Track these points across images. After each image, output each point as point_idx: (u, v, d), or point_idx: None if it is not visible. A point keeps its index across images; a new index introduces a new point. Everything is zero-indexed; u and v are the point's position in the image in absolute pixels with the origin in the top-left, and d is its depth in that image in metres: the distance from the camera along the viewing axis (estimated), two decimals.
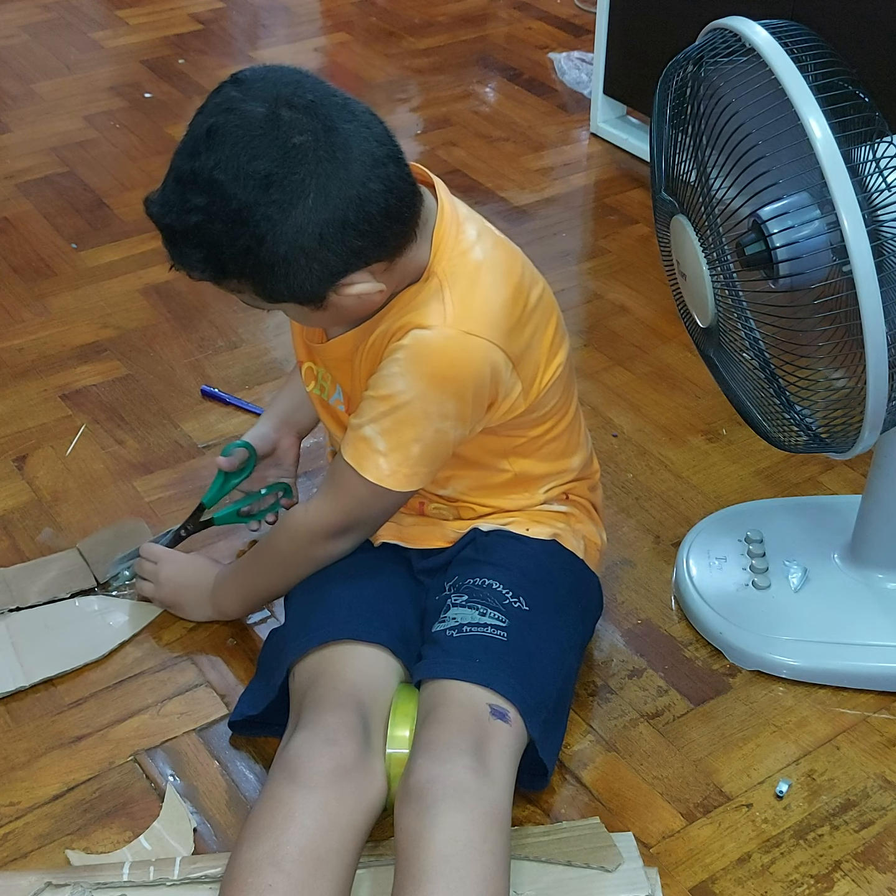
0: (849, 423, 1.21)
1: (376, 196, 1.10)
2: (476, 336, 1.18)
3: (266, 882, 1.04)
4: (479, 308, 1.19)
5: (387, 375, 1.19)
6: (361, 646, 1.23)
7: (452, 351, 1.18)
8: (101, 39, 2.97)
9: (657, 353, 1.94)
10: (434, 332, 1.17)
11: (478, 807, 1.09)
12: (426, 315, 1.18)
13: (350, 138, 1.09)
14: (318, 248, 1.09)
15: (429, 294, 1.18)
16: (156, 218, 1.15)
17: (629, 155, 2.49)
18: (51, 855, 1.24)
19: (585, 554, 1.36)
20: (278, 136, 1.06)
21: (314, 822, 1.08)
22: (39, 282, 2.11)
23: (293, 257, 1.09)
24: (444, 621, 1.25)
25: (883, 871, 1.23)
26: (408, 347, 1.17)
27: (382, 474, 1.21)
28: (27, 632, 1.44)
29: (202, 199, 1.09)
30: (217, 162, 1.07)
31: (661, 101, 1.27)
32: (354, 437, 1.23)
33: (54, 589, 1.50)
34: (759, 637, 1.43)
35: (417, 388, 1.18)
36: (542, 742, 1.21)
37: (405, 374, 1.18)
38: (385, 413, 1.19)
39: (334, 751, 1.12)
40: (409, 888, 1.05)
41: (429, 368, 1.18)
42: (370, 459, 1.21)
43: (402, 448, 1.20)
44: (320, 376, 1.34)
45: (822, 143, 1.07)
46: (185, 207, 1.10)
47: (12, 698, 1.39)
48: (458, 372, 1.18)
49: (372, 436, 1.21)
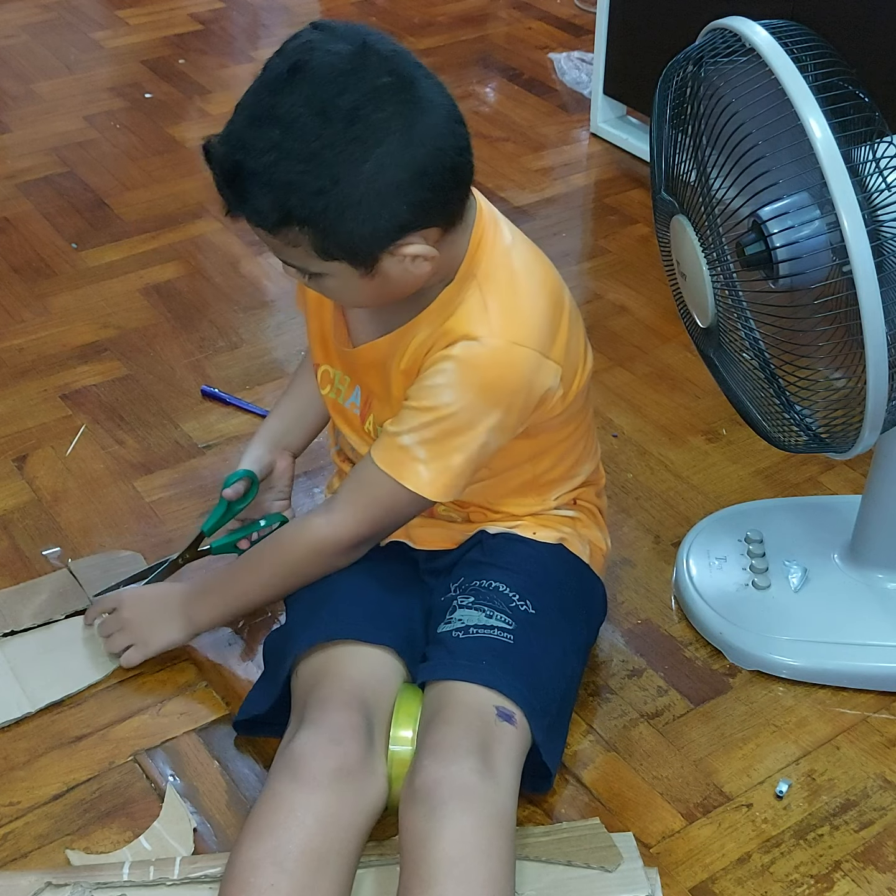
0: (849, 423, 1.21)
1: (451, 151, 1.10)
2: (524, 346, 1.16)
3: (268, 882, 1.04)
4: (523, 316, 1.17)
5: (431, 386, 1.17)
6: (366, 646, 1.23)
7: (502, 362, 1.16)
8: (101, 39, 2.97)
9: (657, 353, 1.94)
10: (483, 344, 1.15)
11: (484, 809, 1.09)
12: (470, 323, 1.16)
13: (429, 91, 1.08)
14: (392, 194, 1.06)
15: (469, 298, 1.17)
16: (222, 157, 1.08)
17: (629, 155, 2.49)
18: (51, 855, 1.24)
19: (590, 559, 1.36)
20: (365, 75, 1.05)
21: (316, 821, 1.08)
22: (40, 282, 2.11)
23: (366, 202, 1.06)
24: (450, 622, 1.24)
25: (883, 871, 1.23)
26: (455, 359, 1.16)
27: (422, 482, 1.19)
28: (26, 656, 1.42)
29: (280, 135, 1.04)
30: (301, 97, 1.04)
31: (661, 101, 1.27)
32: (390, 444, 1.20)
33: (49, 611, 1.47)
34: (759, 637, 1.43)
35: (465, 400, 1.16)
36: (545, 745, 1.21)
37: (452, 385, 1.16)
38: (428, 424, 1.18)
39: (338, 750, 1.12)
40: (417, 889, 1.05)
41: (478, 380, 1.16)
42: (409, 468, 1.19)
43: (444, 458, 1.18)
44: (337, 379, 1.33)
45: (822, 143, 1.07)
46: (259, 145, 1.05)
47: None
48: (507, 383, 1.17)
49: (411, 445, 1.18)
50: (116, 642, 1.39)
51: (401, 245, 1.10)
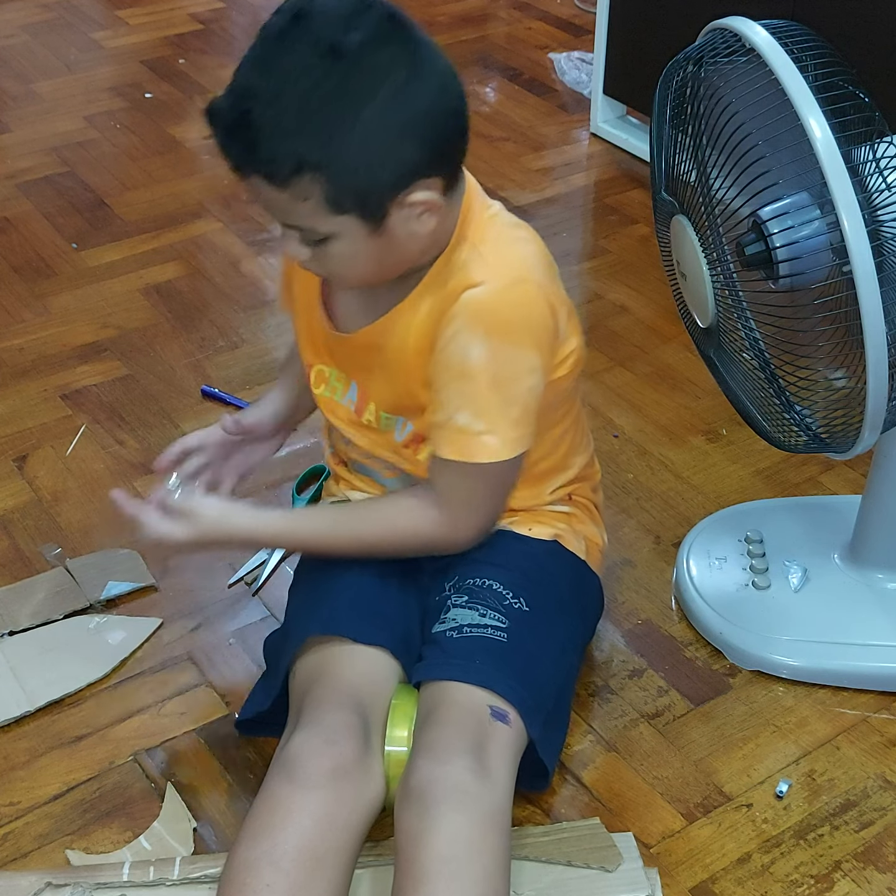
0: (849, 423, 1.21)
1: (455, 95, 1.10)
2: (528, 281, 1.17)
3: (264, 882, 1.04)
4: (520, 257, 1.19)
5: (454, 350, 1.16)
6: (362, 646, 1.23)
7: (513, 300, 1.16)
8: (101, 39, 2.97)
9: (657, 353, 1.94)
10: (486, 287, 1.15)
11: (478, 808, 1.09)
12: (469, 274, 1.16)
13: (427, 38, 1.09)
14: (402, 132, 1.06)
15: (463, 255, 1.17)
16: (228, 109, 1.06)
17: (629, 155, 2.49)
18: (51, 855, 1.24)
19: (587, 554, 1.36)
20: (369, 16, 1.05)
21: (312, 822, 1.08)
22: (40, 282, 2.11)
23: (379, 140, 1.05)
24: (444, 622, 1.24)
25: (883, 871, 1.23)
26: (465, 312, 1.15)
27: (495, 450, 1.18)
28: (25, 656, 1.42)
29: (290, 79, 1.03)
30: (307, 41, 1.04)
31: (661, 101, 1.27)
32: (447, 432, 1.19)
33: (47, 610, 1.47)
34: (759, 637, 1.43)
35: (493, 349, 1.15)
36: (542, 743, 1.21)
37: (473, 339, 1.15)
38: (471, 394, 1.16)
39: (334, 751, 1.12)
40: (409, 888, 1.05)
41: (495, 324, 1.15)
42: (476, 444, 1.18)
43: (502, 418, 1.17)
44: (333, 378, 1.32)
45: (822, 143, 1.07)
46: (268, 91, 1.04)
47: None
48: (525, 319, 1.17)
49: (467, 423, 1.17)
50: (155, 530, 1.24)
51: (409, 193, 1.09)
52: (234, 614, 1.50)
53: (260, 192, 1.09)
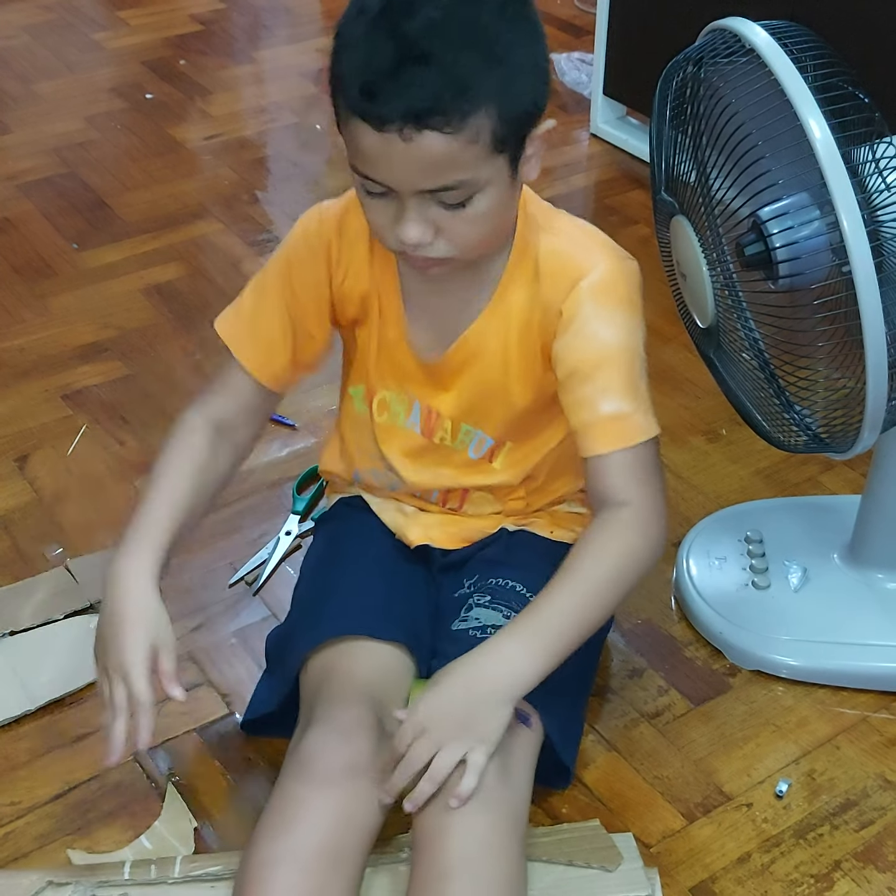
0: (849, 423, 1.21)
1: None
2: (622, 255, 1.21)
3: (289, 881, 1.04)
4: (604, 238, 1.21)
5: (586, 338, 1.16)
6: (375, 642, 1.22)
7: (623, 277, 1.19)
8: (101, 40, 2.97)
9: (657, 353, 1.93)
10: (601, 269, 1.17)
11: (501, 810, 1.09)
12: (576, 262, 1.17)
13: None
14: (542, 56, 1.07)
15: (554, 244, 1.18)
16: (395, 49, 0.98)
17: (629, 155, 2.49)
18: (52, 854, 1.24)
19: None
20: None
21: (330, 820, 1.08)
22: (40, 282, 2.11)
23: (531, 61, 1.05)
24: (466, 620, 1.24)
25: (883, 871, 1.23)
26: (588, 299, 1.16)
27: (648, 428, 1.17)
28: (26, 656, 1.42)
29: (452, 8, 0.99)
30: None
31: (661, 101, 1.28)
32: (601, 425, 1.17)
33: (47, 610, 1.47)
34: (759, 637, 1.43)
35: (620, 330, 1.17)
36: (561, 745, 1.21)
37: (602, 323, 1.16)
38: (611, 379, 1.16)
39: (350, 748, 1.12)
40: (433, 884, 1.05)
41: (617, 302, 1.17)
42: (630, 428, 1.16)
43: (643, 395, 1.18)
44: (394, 402, 1.28)
45: (821, 144, 1.07)
46: (439, 20, 0.99)
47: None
48: (635, 292, 1.20)
49: (616, 409, 1.16)
50: (444, 763, 1.08)
51: (539, 124, 1.08)
52: (235, 614, 1.50)
53: (424, 148, 1.00)
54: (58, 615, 1.47)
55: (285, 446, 1.76)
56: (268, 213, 2.31)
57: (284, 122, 2.61)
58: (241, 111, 2.68)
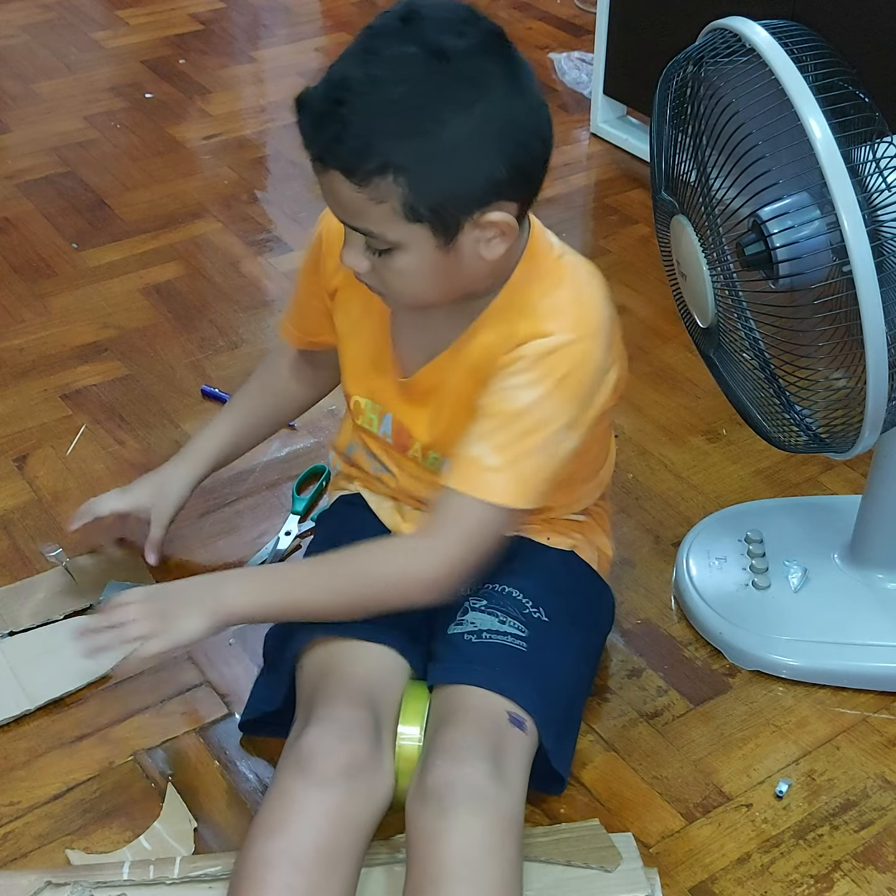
0: (849, 423, 1.21)
1: (545, 118, 1.09)
2: (595, 339, 1.15)
3: (284, 881, 1.04)
4: (590, 311, 1.17)
5: (503, 389, 1.14)
6: (370, 643, 1.22)
7: (577, 356, 1.14)
8: (101, 39, 2.97)
9: (657, 353, 1.94)
10: (556, 339, 1.14)
11: (496, 812, 1.09)
12: (540, 321, 1.14)
13: (529, 66, 1.09)
14: (494, 146, 1.04)
15: (532, 298, 1.16)
16: (322, 96, 1.04)
17: (629, 155, 2.49)
18: (51, 854, 1.24)
19: (598, 566, 1.36)
20: (477, 26, 1.05)
21: (328, 819, 1.08)
22: (40, 282, 2.11)
23: (469, 150, 1.03)
24: (462, 624, 1.24)
25: (883, 871, 1.23)
26: (528, 358, 1.13)
27: (498, 491, 1.13)
28: (26, 656, 1.42)
29: (389, 74, 1.01)
30: (415, 40, 1.02)
31: (661, 101, 1.27)
32: (460, 460, 1.15)
33: (47, 610, 1.47)
34: (759, 637, 1.43)
35: (542, 399, 1.13)
36: (554, 752, 1.21)
37: (528, 385, 1.13)
38: (499, 427, 1.14)
39: (348, 748, 1.12)
40: (428, 887, 1.05)
41: (554, 377, 1.13)
42: (481, 479, 1.14)
43: (519, 461, 1.14)
44: (368, 409, 1.30)
45: (822, 144, 1.07)
46: (365, 83, 1.02)
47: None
48: (584, 378, 1.15)
49: (482, 454, 1.14)
50: (130, 630, 1.18)
51: (487, 211, 1.07)
52: None
53: (335, 188, 1.06)
54: (57, 615, 1.47)
55: (285, 446, 1.76)
56: (267, 213, 2.31)
57: (284, 122, 2.61)
58: (240, 111, 2.68)
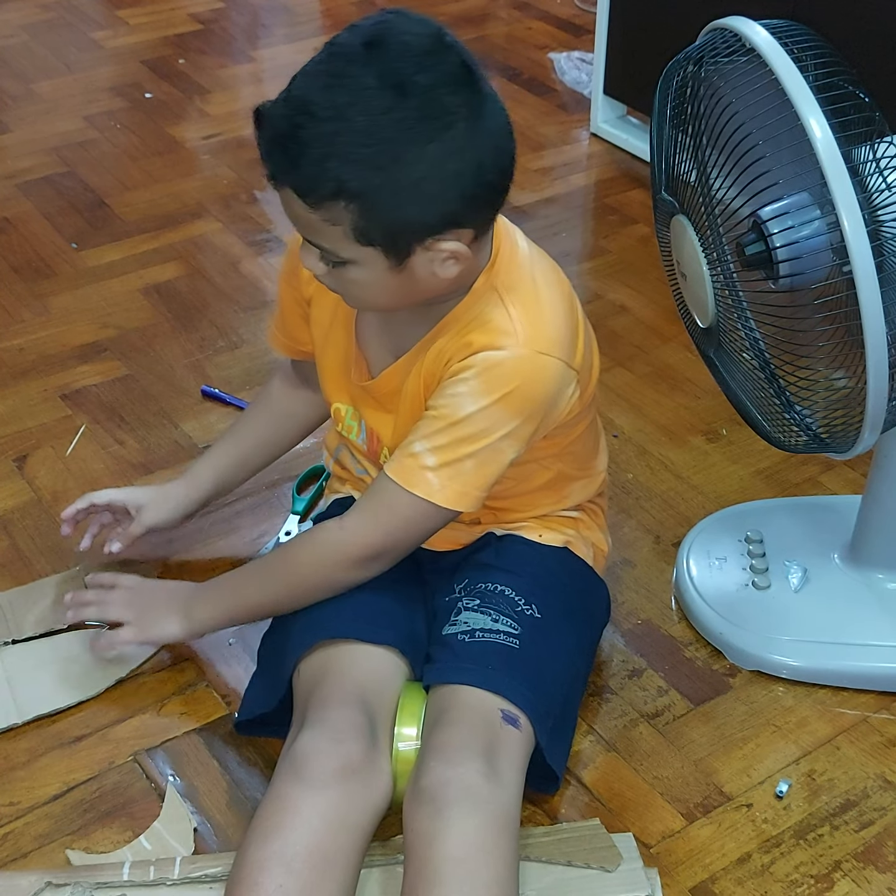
0: (849, 423, 1.21)
1: (507, 154, 1.09)
2: (551, 356, 1.15)
3: (276, 883, 1.04)
4: (548, 326, 1.16)
5: (452, 395, 1.15)
6: (368, 645, 1.23)
7: (527, 372, 1.15)
8: (101, 39, 2.97)
9: (657, 353, 1.94)
10: (508, 353, 1.14)
11: (490, 811, 1.09)
12: (495, 333, 1.15)
13: (492, 91, 1.08)
14: (450, 182, 1.04)
15: (491, 309, 1.15)
16: (280, 117, 1.05)
17: (629, 155, 2.49)
18: (51, 855, 1.24)
19: (593, 561, 1.36)
20: (443, 59, 1.04)
21: (322, 822, 1.08)
22: (39, 282, 2.11)
23: (424, 185, 1.04)
24: (455, 624, 1.24)
25: (883, 871, 1.23)
26: (478, 368, 1.14)
27: (432, 490, 1.16)
28: (23, 667, 1.40)
29: (349, 103, 1.02)
30: (375, 70, 1.02)
31: (661, 101, 1.27)
32: (402, 453, 1.18)
33: (51, 619, 1.45)
34: (759, 637, 1.43)
35: (485, 409, 1.14)
36: (549, 749, 1.21)
37: (474, 394, 1.14)
38: (441, 430, 1.15)
39: (341, 750, 1.12)
40: (422, 888, 1.05)
41: (501, 390, 1.14)
42: (418, 475, 1.16)
43: (455, 465, 1.16)
44: (348, 416, 1.32)
45: (822, 143, 1.07)
46: (324, 110, 1.02)
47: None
48: (532, 394, 1.15)
49: (421, 452, 1.16)
50: (111, 611, 1.35)
51: (439, 240, 1.08)
52: None
53: (289, 203, 1.08)
54: (61, 625, 1.44)
55: None
56: (266, 213, 2.31)
57: None
58: (240, 110, 2.68)
